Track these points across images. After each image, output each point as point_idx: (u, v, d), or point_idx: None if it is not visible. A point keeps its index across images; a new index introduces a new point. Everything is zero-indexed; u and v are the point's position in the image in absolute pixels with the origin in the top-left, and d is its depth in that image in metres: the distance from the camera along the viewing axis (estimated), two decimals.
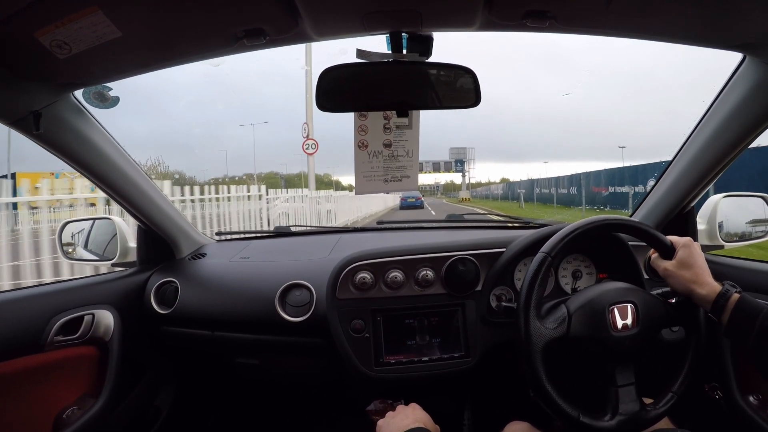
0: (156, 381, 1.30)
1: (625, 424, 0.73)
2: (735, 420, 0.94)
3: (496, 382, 1.27)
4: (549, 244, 0.81)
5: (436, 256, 1.07)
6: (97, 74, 0.85)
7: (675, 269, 0.77)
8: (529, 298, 0.78)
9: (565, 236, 0.81)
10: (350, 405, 1.26)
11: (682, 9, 0.68)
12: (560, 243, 0.81)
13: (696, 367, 0.80)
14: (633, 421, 0.74)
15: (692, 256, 0.76)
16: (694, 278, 0.75)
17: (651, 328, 0.78)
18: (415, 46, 0.77)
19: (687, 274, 0.75)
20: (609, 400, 0.76)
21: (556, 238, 0.82)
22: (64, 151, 0.96)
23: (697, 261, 0.76)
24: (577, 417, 0.73)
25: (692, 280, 0.74)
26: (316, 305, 1.09)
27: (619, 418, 0.74)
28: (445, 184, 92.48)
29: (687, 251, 0.77)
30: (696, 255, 0.77)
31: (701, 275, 0.75)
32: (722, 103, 0.92)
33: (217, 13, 0.67)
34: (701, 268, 0.76)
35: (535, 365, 0.75)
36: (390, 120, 0.97)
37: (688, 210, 1.14)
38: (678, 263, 0.77)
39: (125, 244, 1.27)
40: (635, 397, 0.76)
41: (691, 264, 0.76)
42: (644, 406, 0.76)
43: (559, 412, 0.74)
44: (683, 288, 0.76)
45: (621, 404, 0.75)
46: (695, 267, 0.75)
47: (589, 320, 0.77)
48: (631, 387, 0.76)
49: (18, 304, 0.94)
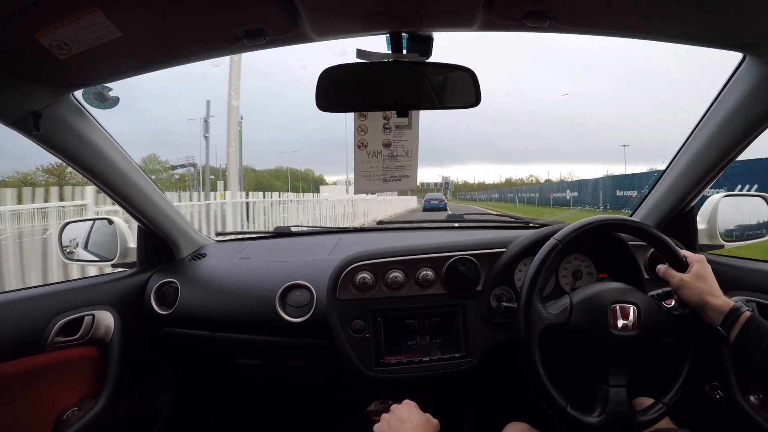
0: (156, 382, 1.30)
1: (610, 424, 0.73)
2: (735, 420, 0.93)
3: (497, 383, 1.27)
4: (562, 233, 0.82)
5: (436, 256, 1.07)
6: (97, 75, 0.85)
7: (692, 280, 0.78)
8: (534, 280, 0.79)
9: (580, 227, 0.82)
10: (350, 405, 1.26)
11: (682, 9, 0.68)
12: (574, 233, 0.82)
13: (690, 380, 0.79)
14: (619, 422, 0.74)
15: (707, 271, 0.78)
16: (710, 290, 0.76)
17: (650, 335, 0.78)
18: (415, 47, 0.77)
19: (702, 285, 0.77)
20: (598, 397, 0.76)
21: (570, 227, 0.83)
22: (64, 151, 0.96)
23: (711, 276, 0.78)
24: (565, 407, 0.74)
25: (708, 292, 0.76)
26: (317, 306, 1.09)
27: (605, 418, 0.74)
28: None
29: (702, 266, 0.79)
30: (710, 271, 0.79)
31: (715, 288, 0.77)
32: (722, 103, 0.92)
33: (217, 14, 0.67)
34: (715, 283, 0.78)
35: (532, 347, 0.76)
36: (390, 120, 0.97)
37: (688, 210, 1.14)
38: (694, 275, 0.78)
39: (125, 245, 1.26)
40: (625, 400, 0.75)
41: (706, 277, 0.78)
42: (633, 410, 0.76)
43: (549, 400, 0.75)
44: (697, 299, 0.76)
45: (609, 404, 0.75)
46: (709, 280, 0.77)
47: (590, 314, 0.78)
48: (622, 389, 0.76)
49: (18, 305, 0.94)
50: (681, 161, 1.07)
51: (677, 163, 1.08)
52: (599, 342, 0.77)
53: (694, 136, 1.02)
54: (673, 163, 1.10)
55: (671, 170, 1.11)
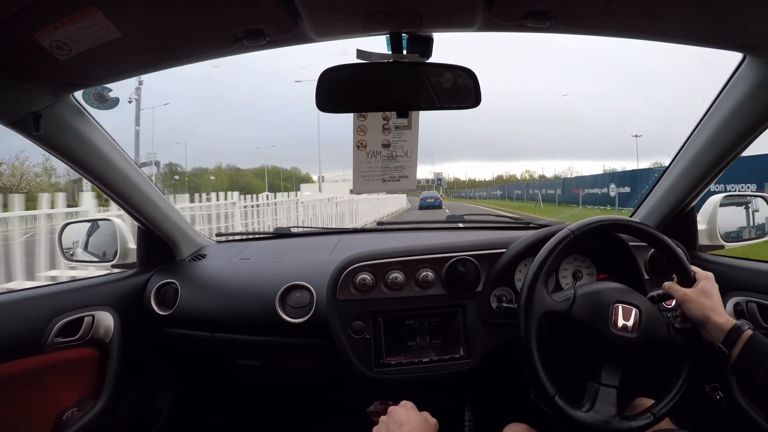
0: (156, 382, 1.30)
1: (595, 421, 0.73)
2: (735, 420, 0.93)
3: (497, 384, 1.27)
4: (576, 225, 0.83)
5: (436, 256, 1.07)
6: (97, 75, 0.85)
7: (696, 296, 0.78)
8: (542, 265, 0.80)
9: (594, 222, 0.83)
10: (350, 406, 1.26)
11: (682, 9, 0.68)
12: (588, 226, 0.83)
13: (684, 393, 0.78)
14: (604, 423, 0.73)
15: (713, 287, 0.78)
16: (713, 307, 0.76)
17: (649, 341, 0.78)
18: (415, 47, 0.77)
19: (707, 301, 0.77)
20: (588, 394, 0.76)
21: (584, 221, 0.84)
22: (64, 152, 0.96)
23: (716, 293, 0.78)
24: (553, 396, 0.74)
25: (711, 308, 0.76)
26: (317, 306, 1.09)
27: (593, 414, 0.73)
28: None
29: (709, 283, 0.79)
30: (716, 288, 0.79)
31: (719, 306, 0.76)
32: (722, 103, 0.92)
33: (216, 14, 0.67)
34: (720, 300, 0.77)
35: (529, 331, 0.76)
36: (389, 120, 0.97)
37: (689, 210, 1.14)
38: (700, 291, 0.78)
39: (125, 246, 1.26)
40: (614, 401, 0.75)
41: (711, 294, 0.77)
42: (620, 414, 0.75)
43: (538, 386, 0.75)
44: (700, 314, 0.76)
45: (599, 401, 0.74)
46: (714, 298, 0.77)
47: (593, 308, 0.78)
48: (613, 390, 0.76)
49: (18, 306, 0.94)
50: (681, 161, 1.07)
51: (678, 163, 1.08)
52: (597, 338, 0.77)
53: (694, 136, 1.02)
54: (673, 163, 1.10)
55: (671, 170, 1.11)
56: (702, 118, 0.99)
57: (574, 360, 0.85)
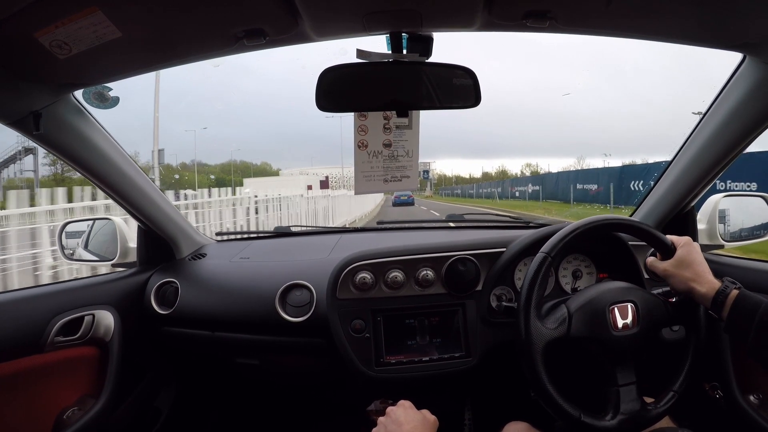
0: (156, 381, 1.30)
1: (626, 423, 0.73)
2: (735, 419, 0.94)
3: (497, 382, 1.27)
4: (549, 244, 0.81)
5: (436, 256, 1.07)
6: (97, 74, 0.85)
7: (674, 269, 0.77)
8: (529, 299, 0.78)
9: (565, 236, 0.81)
10: (350, 405, 1.26)
11: (683, 9, 0.68)
12: (560, 243, 0.81)
13: (696, 366, 0.80)
14: (634, 420, 0.74)
15: (691, 254, 0.77)
16: (694, 277, 0.75)
17: (651, 328, 0.78)
18: (415, 47, 0.77)
19: (687, 272, 0.76)
20: (610, 399, 0.76)
21: (555, 238, 0.82)
22: (65, 151, 0.96)
23: (696, 259, 0.77)
24: (579, 417, 0.73)
25: (692, 279, 0.75)
26: (317, 305, 1.09)
27: (621, 417, 0.74)
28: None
29: (686, 250, 0.78)
30: (695, 253, 0.77)
31: (701, 273, 0.75)
32: (722, 103, 0.92)
33: (217, 14, 0.67)
34: (701, 266, 0.76)
35: (536, 366, 0.75)
36: (390, 120, 0.97)
37: (688, 210, 1.14)
38: (677, 262, 0.77)
39: (125, 245, 1.27)
40: (636, 396, 0.76)
41: (690, 262, 0.76)
42: (645, 405, 0.76)
43: (561, 413, 0.74)
44: (684, 287, 0.76)
45: (622, 403, 0.75)
46: (695, 265, 0.76)
47: (589, 320, 0.77)
48: (632, 386, 0.76)
49: (18, 305, 0.94)
50: (681, 161, 1.07)
51: (677, 163, 1.08)
52: (602, 346, 0.77)
53: (694, 136, 1.02)
54: (673, 163, 1.10)
55: (671, 170, 1.11)
56: (702, 119, 0.99)
57: (586, 373, 0.85)
